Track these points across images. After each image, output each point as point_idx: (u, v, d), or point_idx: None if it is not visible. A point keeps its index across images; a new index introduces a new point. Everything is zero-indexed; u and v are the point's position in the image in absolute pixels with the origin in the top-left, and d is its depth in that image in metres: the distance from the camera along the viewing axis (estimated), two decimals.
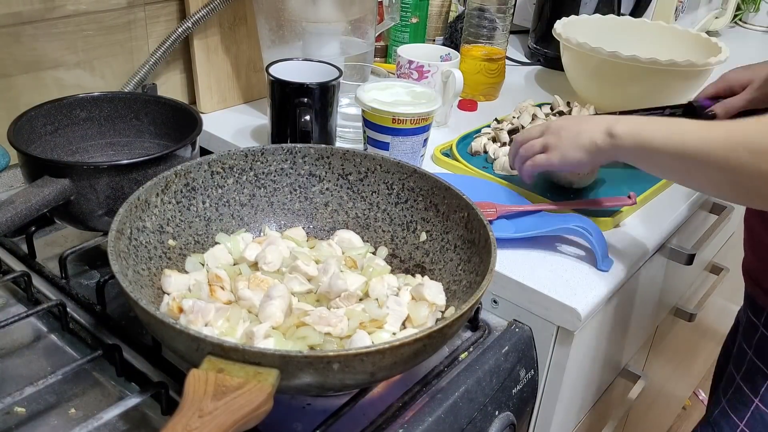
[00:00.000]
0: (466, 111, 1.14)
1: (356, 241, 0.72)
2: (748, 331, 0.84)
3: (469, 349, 0.69)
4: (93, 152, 0.82)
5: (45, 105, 0.77)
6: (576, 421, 0.94)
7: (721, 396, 0.86)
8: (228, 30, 1.05)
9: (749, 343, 0.83)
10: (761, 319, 0.82)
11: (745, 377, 0.83)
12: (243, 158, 0.70)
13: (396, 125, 0.83)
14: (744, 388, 0.82)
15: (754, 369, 0.81)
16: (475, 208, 0.65)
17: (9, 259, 0.75)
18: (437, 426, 0.60)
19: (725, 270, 1.33)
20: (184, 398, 0.45)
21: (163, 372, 0.62)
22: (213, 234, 0.69)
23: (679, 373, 1.60)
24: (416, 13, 1.21)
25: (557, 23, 1.17)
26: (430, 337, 0.50)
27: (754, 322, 0.83)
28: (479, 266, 0.62)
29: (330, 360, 0.47)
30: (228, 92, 1.09)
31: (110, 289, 0.68)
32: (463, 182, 0.86)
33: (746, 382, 0.82)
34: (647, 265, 0.86)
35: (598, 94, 1.13)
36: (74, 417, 0.57)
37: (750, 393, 0.81)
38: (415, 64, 1.02)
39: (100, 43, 0.93)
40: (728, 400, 0.84)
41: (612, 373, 1.02)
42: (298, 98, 0.84)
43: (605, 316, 0.82)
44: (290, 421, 0.59)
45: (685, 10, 1.46)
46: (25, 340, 0.66)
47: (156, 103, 0.84)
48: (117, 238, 0.57)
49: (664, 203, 0.90)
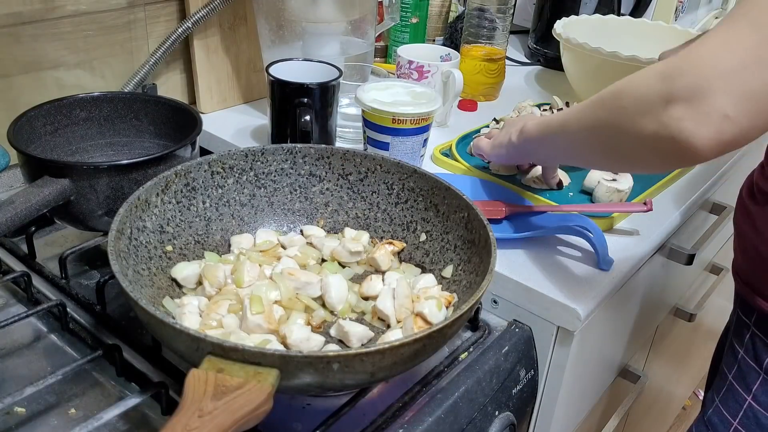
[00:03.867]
0: (466, 111, 1.14)
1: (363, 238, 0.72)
2: (739, 330, 0.84)
3: (469, 349, 0.69)
4: (93, 152, 0.82)
5: (45, 105, 0.77)
6: (576, 421, 0.94)
7: (715, 394, 0.86)
8: (228, 30, 1.05)
9: (740, 342, 0.83)
10: (751, 319, 0.82)
11: (737, 376, 0.83)
12: (243, 158, 0.70)
13: (396, 125, 0.83)
14: (736, 387, 0.83)
15: (746, 368, 0.82)
16: (475, 208, 0.65)
17: (9, 259, 0.75)
18: (437, 426, 0.60)
19: (725, 270, 1.33)
20: (184, 398, 0.45)
21: (163, 372, 0.62)
22: (213, 234, 0.69)
23: (679, 373, 1.60)
24: (416, 13, 1.21)
25: (557, 23, 1.17)
26: (430, 337, 0.50)
27: (745, 322, 0.83)
28: (479, 266, 0.62)
29: (330, 360, 0.47)
30: (228, 92, 1.09)
31: (110, 289, 0.68)
32: (463, 182, 0.86)
33: (738, 381, 0.82)
34: (647, 265, 0.86)
35: None
36: (74, 417, 0.57)
37: (743, 391, 0.82)
38: (415, 64, 1.02)
39: (100, 43, 0.93)
40: (721, 398, 0.85)
41: (612, 373, 1.02)
42: (298, 98, 0.84)
43: (605, 316, 0.82)
44: (290, 421, 0.59)
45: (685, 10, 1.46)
46: (25, 340, 0.66)
47: (156, 103, 0.84)
48: (117, 238, 0.57)
49: (664, 203, 0.90)
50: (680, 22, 1.43)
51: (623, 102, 0.57)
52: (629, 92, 0.56)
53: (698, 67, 0.51)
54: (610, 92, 0.59)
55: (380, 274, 0.69)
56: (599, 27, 1.23)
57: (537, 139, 0.73)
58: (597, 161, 0.69)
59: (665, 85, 0.52)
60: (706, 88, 0.50)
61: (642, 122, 0.54)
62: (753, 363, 0.81)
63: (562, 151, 0.71)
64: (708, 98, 0.50)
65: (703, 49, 0.52)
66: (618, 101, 0.58)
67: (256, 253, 0.68)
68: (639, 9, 1.37)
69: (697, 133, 0.51)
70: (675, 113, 0.51)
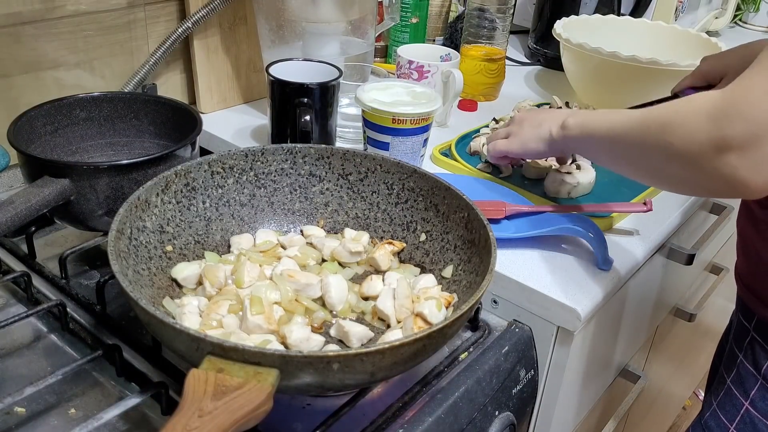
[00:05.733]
0: (466, 111, 1.14)
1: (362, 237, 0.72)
2: (739, 334, 0.84)
3: (469, 349, 0.69)
4: (93, 152, 0.82)
5: (45, 105, 0.77)
6: (576, 421, 0.94)
7: (713, 398, 0.86)
8: (228, 30, 1.05)
9: (740, 346, 0.83)
10: (752, 323, 0.82)
11: (736, 380, 0.83)
12: (243, 158, 0.70)
13: (396, 125, 0.83)
14: (734, 391, 0.82)
15: (745, 372, 0.81)
16: (475, 208, 0.65)
17: (9, 259, 0.75)
18: (437, 426, 0.60)
19: (725, 270, 1.33)
20: (184, 398, 0.45)
21: (163, 372, 0.62)
22: (213, 234, 0.69)
23: (679, 373, 1.60)
24: (416, 13, 1.21)
25: (557, 23, 1.17)
26: (430, 337, 0.50)
27: (745, 326, 0.83)
28: (479, 266, 0.62)
29: (330, 360, 0.47)
30: (228, 92, 1.09)
31: (110, 289, 0.68)
32: (463, 182, 0.86)
33: (736, 385, 0.82)
34: (647, 265, 0.86)
35: (598, 94, 1.13)
36: (74, 417, 0.57)
37: (740, 396, 0.81)
38: (415, 64, 1.02)
39: (100, 43, 0.93)
40: (719, 402, 0.84)
41: (612, 373, 1.02)
42: (298, 98, 0.84)
43: (605, 316, 0.82)
44: (290, 421, 0.59)
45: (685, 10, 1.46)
46: (25, 340, 0.66)
47: (156, 103, 0.84)
48: (117, 238, 0.57)
49: (664, 203, 0.90)
50: (680, 22, 1.43)
51: (670, 138, 0.56)
52: (677, 129, 0.56)
53: (749, 113, 0.51)
54: (657, 122, 0.59)
55: (380, 274, 0.69)
56: (599, 27, 1.23)
57: (579, 140, 0.72)
58: (640, 179, 0.69)
59: (716, 130, 0.52)
60: (761, 137, 0.51)
61: (693, 163, 0.55)
62: (751, 368, 0.81)
63: (604, 159, 0.71)
64: (763, 147, 0.51)
65: (751, 95, 0.52)
66: (665, 135, 0.57)
67: (257, 253, 0.68)
68: (639, 9, 1.37)
69: (751, 180, 0.52)
70: (729, 161, 0.52)
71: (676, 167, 0.57)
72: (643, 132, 0.60)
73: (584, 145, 0.72)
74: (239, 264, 0.64)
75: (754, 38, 0.90)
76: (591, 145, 0.71)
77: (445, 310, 0.62)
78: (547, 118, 0.77)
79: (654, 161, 0.60)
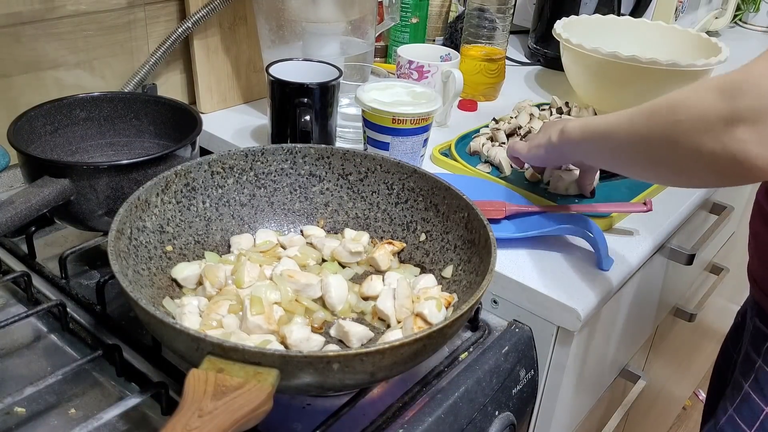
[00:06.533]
0: (466, 111, 1.14)
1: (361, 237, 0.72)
2: (757, 339, 0.83)
3: (469, 349, 0.69)
4: (93, 152, 0.82)
5: (45, 105, 0.77)
6: (576, 421, 0.94)
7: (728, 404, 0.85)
8: (228, 30, 1.05)
9: (758, 352, 0.82)
10: None
11: (754, 386, 0.81)
12: (243, 158, 0.70)
13: (396, 125, 0.83)
14: (753, 397, 0.81)
15: (764, 377, 0.80)
16: (475, 208, 0.65)
17: (9, 259, 0.75)
18: (437, 426, 0.60)
19: (725, 270, 1.33)
20: (184, 398, 0.45)
21: (163, 372, 0.62)
22: (213, 234, 0.69)
23: (679, 373, 1.60)
24: (416, 13, 1.21)
25: (557, 23, 1.17)
26: (430, 337, 0.50)
27: (763, 331, 0.82)
28: (479, 266, 0.62)
29: (330, 360, 0.47)
30: (228, 92, 1.09)
31: (110, 289, 0.68)
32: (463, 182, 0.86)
33: (756, 391, 0.81)
34: (647, 265, 0.86)
35: (598, 94, 1.13)
36: (74, 417, 0.57)
37: (760, 402, 0.80)
38: (415, 64, 1.02)
39: (100, 43, 0.93)
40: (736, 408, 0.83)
41: (612, 373, 1.02)
42: (298, 98, 0.84)
43: (605, 316, 0.82)
44: (290, 421, 0.59)
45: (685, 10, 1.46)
46: (25, 340, 0.66)
47: (156, 103, 0.84)
48: (117, 238, 0.57)
49: (664, 203, 0.90)
50: (680, 22, 1.43)
51: (679, 116, 0.55)
52: (687, 107, 0.55)
53: (762, 87, 0.50)
54: (665, 105, 0.58)
55: (380, 274, 0.69)
56: (599, 27, 1.23)
57: (578, 142, 0.71)
58: (643, 172, 0.67)
59: (727, 104, 0.51)
60: None
61: (701, 140, 0.53)
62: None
63: (606, 158, 0.70)
64: None
65: (765, 69, 0.51)
66: (674, 115, 0.56)
67: (257, 253, 0.68)
68: (639, 9, 1.37)
69: (762, 155, 0.50)
70: (739, 135, 0.51)
71: (681, 150, 0.56)
72: (650, 118, 0.59)
73: (584, 146, 0.71)
74: (239, 264, 0.64)
75: (754, 38, 0.90)
76: (591, 144, 0.70)
77: (445, 310, 0.62)
78: (554, 125, 0.76)
79: (658, 149, 0.59)
